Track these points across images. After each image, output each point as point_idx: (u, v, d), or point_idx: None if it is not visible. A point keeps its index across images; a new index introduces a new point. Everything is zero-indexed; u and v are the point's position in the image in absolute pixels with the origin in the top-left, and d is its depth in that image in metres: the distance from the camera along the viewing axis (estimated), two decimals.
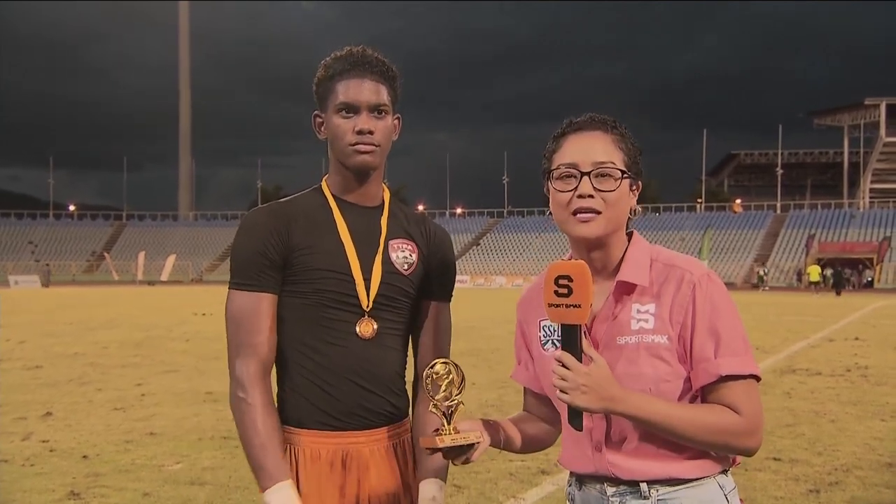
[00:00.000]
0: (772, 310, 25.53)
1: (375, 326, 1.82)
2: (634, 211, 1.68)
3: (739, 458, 1.68)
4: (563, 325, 1.52)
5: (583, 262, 1.52)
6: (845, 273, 44.88)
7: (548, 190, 1.68)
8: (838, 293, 40.92)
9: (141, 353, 12.36)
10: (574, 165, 1.62)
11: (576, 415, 1.54)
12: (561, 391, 1.51)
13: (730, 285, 52.32)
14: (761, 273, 52.98)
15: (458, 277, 2.13)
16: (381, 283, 1.85)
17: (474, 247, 71.06)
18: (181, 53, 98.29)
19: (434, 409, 1.63)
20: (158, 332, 16.06)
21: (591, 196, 1.59)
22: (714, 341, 1.56)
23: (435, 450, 1.58)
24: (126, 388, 8.97)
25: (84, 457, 5.76)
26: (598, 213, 1.60)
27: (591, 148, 1.62)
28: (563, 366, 1.50)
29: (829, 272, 46.16)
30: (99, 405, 7.87)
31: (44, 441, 6.26)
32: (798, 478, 5.26)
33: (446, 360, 1.68)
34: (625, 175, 1.62)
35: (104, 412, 7.50)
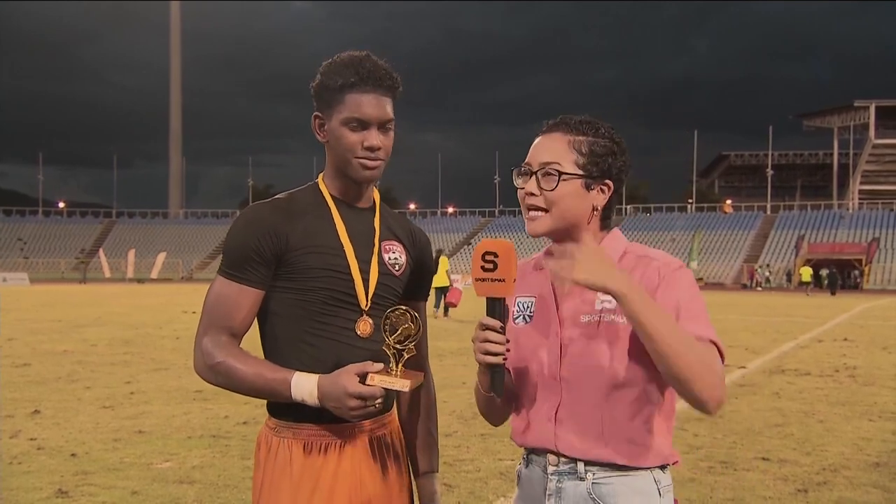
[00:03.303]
0: (761, 310, 25.64)
1: (373, 324, 1.86)
2: (597, 208, 1.72)
3: (678, 458, 1.72)
4: (488, 299, 1.63)
5: (509, 241, 1.63)
6: (835, 274, 45.26)
7: None
8: (833, 293, 41.37)
9: (130, 351, 12.31)
10: (528, 164, 1.74)
11: (499, 381, 1.66)
12: (487, 353, 1.62)
13: (719, 286, 52.56)
14: (767, 274, 53.30)
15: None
16: (378, 283, 1.89)
17: (465, 246, 71.07)
18: (172, 52, 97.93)
19: (385, 349, 1.76)
20: (148, 330, 15.97)
21: (533, 194, 1.71)
22: (675, 312, 1.60)
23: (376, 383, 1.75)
24: (115, 385, 8.92)
25: (72, 455, 5.73)
26: (544, 210, 1.71)
27: (543, 149, 1.73)
28: (488, 329, 1.62)
29: (824, 272, 46.61)
30: (87, 403, 7.83)
31: (31, 439, 6.22)
32: (787, 478, 5.28)
33: (407, 310, 1.78)
34: (566, 176, 1.68)
35: (93, 410, 7.47)
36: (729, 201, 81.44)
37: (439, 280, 20.48)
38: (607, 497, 1.65)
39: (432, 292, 20.48)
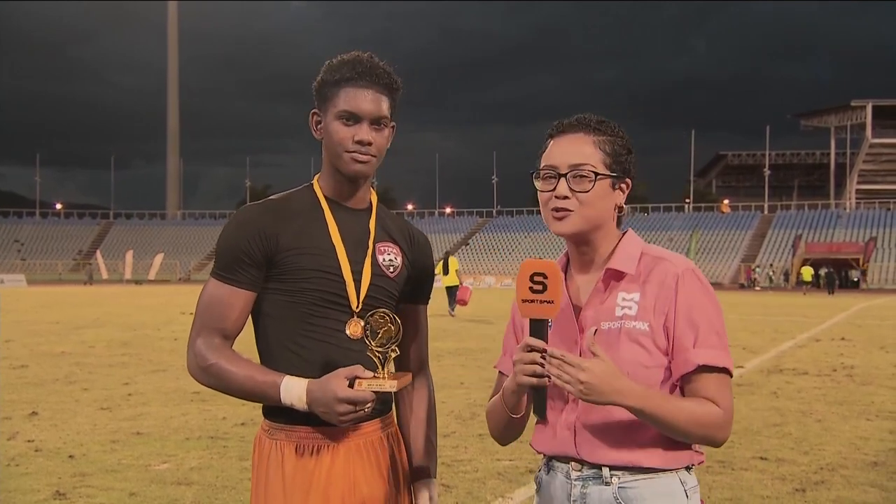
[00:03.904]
0: (759, 309, 25.66)
1: (363, 327, 1.84)
2: (620, 208, 1.74)
3: (703, 458, 1.74)
4: (532, 320, 1.60)
5: (554, 261, 1.62)
6: (833, 274, 45.45)
7: None
8: (831, 292, 41.55)
9: (128, 353, 12.30)
10: (553, 167, 1.72)
11: (541, 405, 1.63)
12: (533, 375, 1.58)
13: (717, 285, 52.58)
14: (770, 273, 53.28)
15: None
16: (370, 284, 1.88)
17: (463, 246, 71.07)
18: (170, 52, 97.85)
19: (370, 355, 1.76)
20: (146, 332, 15.98)
21: (566, 197, 1.69)
22: (693, 333, 1.63)
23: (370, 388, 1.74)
24: (113, 387, 8.91)
25: (70, 457, 5.72)
26: (572, 211, 1.69)
27: (569, 150, 1.71)
28: (534, 350, 1.58)
29: (823, 271, 46.84)
30: (85, 405, 7.82)
31: (29, 441, 6.21)
32: (784, 477, 5.29)
33: (386, 312, 1.77)
34: (598, 176, 1.69)
35: (90, 412, 7.46)
36: (726, 201, 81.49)
37: (450, 280, 21.01)
38: (634, 501, 1.65)
39: (444, 292, 21.19)
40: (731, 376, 1.67)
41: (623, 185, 1.74)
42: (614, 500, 1.65)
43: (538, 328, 1.60)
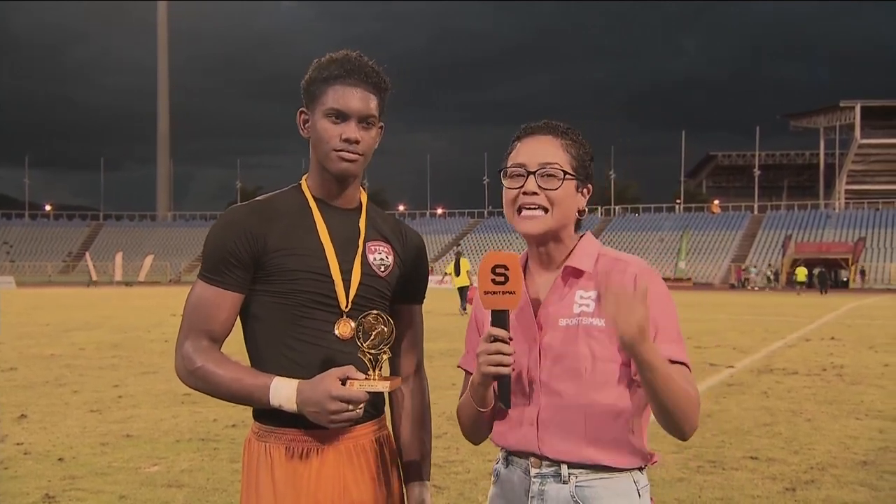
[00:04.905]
0: (749, 309, 25.76)
1: (353, 326, 1.83)
2: (583, 211, 1.80)
3: (658, 458, 1.77)
4: (493, 311, 1.64)
5: (515, 253, 1.65)
6: (825, 274, 45.79)
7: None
8: (824, 292, 41.88)
9: (118, 355, 12.24)
10: (522, 165, 1.76)
11: (506, 395, 1.65)
12: (498, 365, 1.60)
13: (707, 286, 52.75)
14: (769, 274, 53.51)
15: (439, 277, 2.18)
16: (360, 284, 1.87)
17: (455, 247, 71.09)
18: (160, 53, 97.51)
19: (361, 356, 1.75)
20: (136, 334, 15.92)
21: (535, 193, 1.73)
22: (653, 328, 1.64)
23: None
24: (103, 389, 8.87)
25: (60, 459, 5.70)
26: (544, 210, 1.73)
27: (538, 150, 1.76)
28: (497, 339, 1.61)
29: (816, 271, 47.23)
30: (75, 407, 7.78)
31: (18, 444, 6.18)
32: (775, 476, 5.31)
33: (379, 313, 1.76)
34: (567, 176, 1.74)
35: (80, 414, 7.42)
36: (717, 201, 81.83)
37: (461, 280, 21.58)
38: (590, 500, 1.67)
39: (456, 292, 21.53)
40: (690, 371, 1.69)
41: (585, 190, 1.80)
42: (571, 499, 1.68)
43: (500, 319, 1.63)
